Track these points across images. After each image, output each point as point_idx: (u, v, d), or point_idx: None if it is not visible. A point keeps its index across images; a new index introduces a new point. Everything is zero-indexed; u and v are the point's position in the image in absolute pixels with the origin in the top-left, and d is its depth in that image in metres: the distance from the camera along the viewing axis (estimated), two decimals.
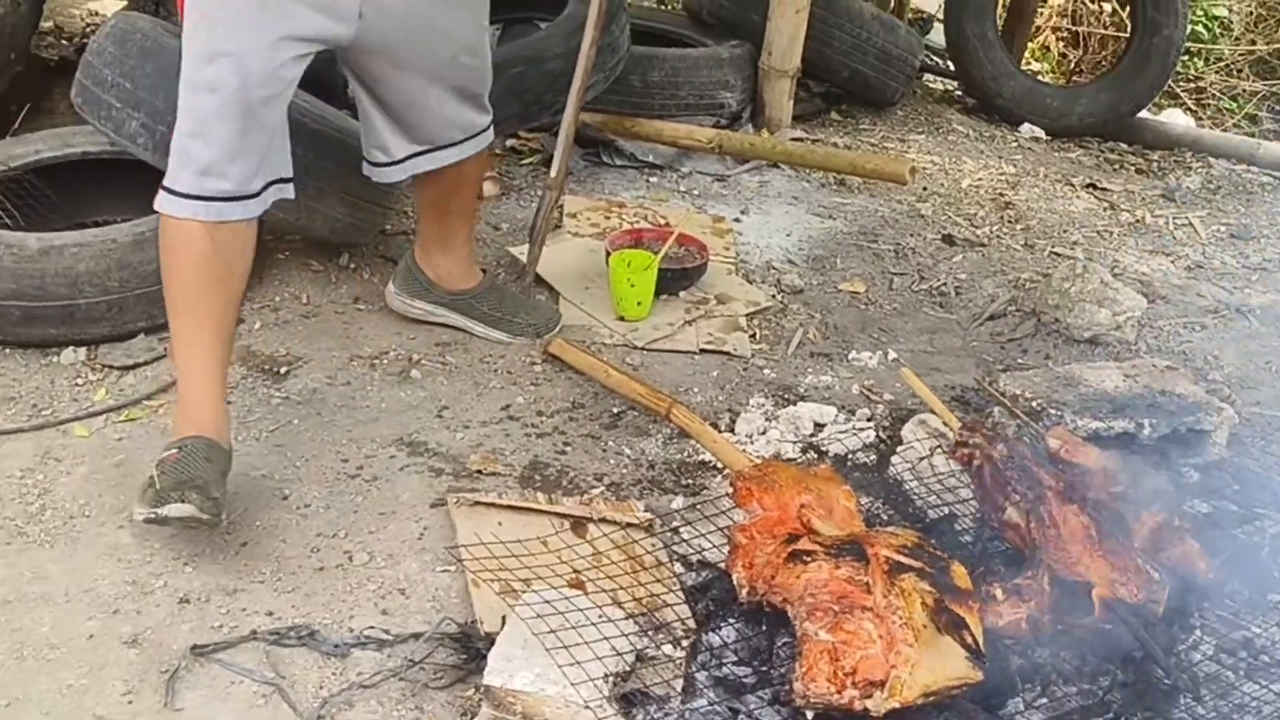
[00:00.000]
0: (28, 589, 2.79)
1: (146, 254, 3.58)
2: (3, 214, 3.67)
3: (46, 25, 5.89)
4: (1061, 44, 8.82)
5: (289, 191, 3.18)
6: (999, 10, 6.75)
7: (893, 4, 7.21)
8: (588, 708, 2.40)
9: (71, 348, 3.64)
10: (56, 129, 4.23)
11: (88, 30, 5.95)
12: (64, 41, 5.86)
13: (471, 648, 2.64)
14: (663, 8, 7.03)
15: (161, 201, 2.97)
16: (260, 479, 3.17)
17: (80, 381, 3.54)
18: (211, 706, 2.51)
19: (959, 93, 6.81)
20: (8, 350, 3.63)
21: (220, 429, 2.99)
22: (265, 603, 2.77)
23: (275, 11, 2.93)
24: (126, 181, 4.01)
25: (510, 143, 5.24)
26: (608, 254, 4.06)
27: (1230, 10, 9.05)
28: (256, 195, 3.04)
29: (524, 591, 2.70)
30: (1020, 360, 3.99)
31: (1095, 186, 5.60)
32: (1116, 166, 5.99)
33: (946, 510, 3.11)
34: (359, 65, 3.29)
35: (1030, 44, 8.19)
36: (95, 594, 2.78)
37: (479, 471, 3.23)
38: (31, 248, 3.54)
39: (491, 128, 3.63)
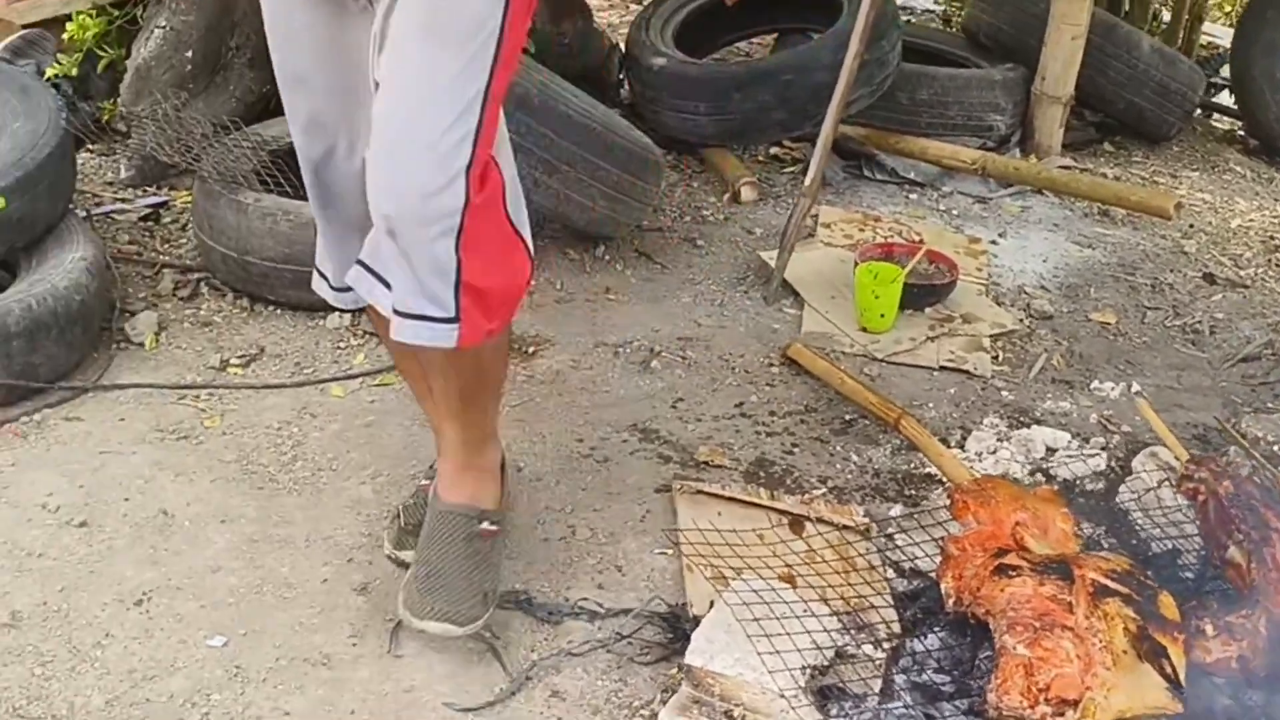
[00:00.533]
0: (273, 531, 2.98)
1: None
2: (284, 181, 3.88)
3: None
4: None
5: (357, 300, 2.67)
6: None
7: (1182, 38, 7.07)
8: (782, 695, 2.46)
9: (337, 313, 3.83)
10: None
11: None
12: None
13: (678, 628, 2.71)
14: (945, 29, 7.00)
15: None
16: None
17: (342, 345, 3.74)
18: (428, 656, 2.64)
19: (1241, 132, 6.64)
20: (279, 311, 3.87)
21: None
22: None
23: None
24: None
25: (773, 151, 5.32)
26: (856, 264, 4.10)
27: None
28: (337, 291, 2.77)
29: (734, 580, 2.77)
30: (1270, 405, 3.89)
31: None
32: None
33: (1170, 544, 3.07)
34: None
35: None
36: (334, 542, 2.95)
37: (706, 463, 3.31)
38: (307, 215, 3.73)
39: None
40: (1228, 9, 8.38)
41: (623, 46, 5.43)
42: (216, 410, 3.43)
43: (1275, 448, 3.44)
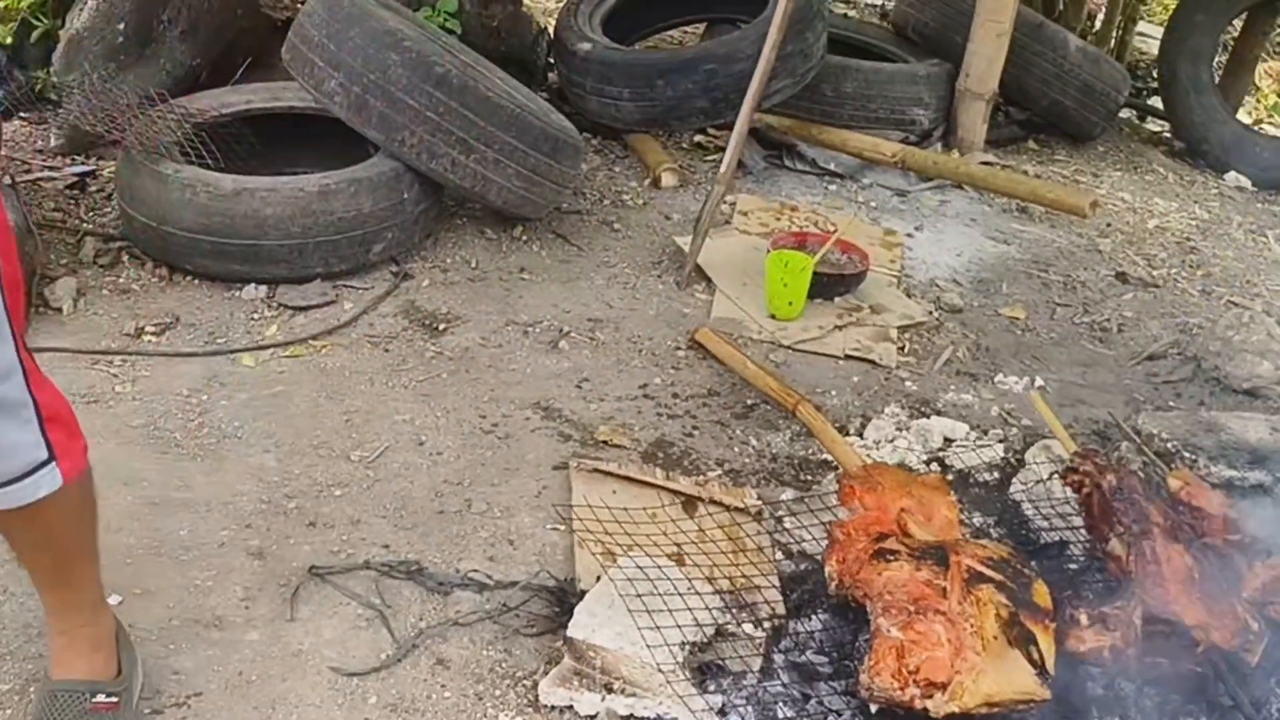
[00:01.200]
0: (174, 495, 3.00)
1: (330, 205, 3.82)
2: (207, 156, 3.90)
3: None
4: None
5: None
6: (1217, 55, 6.65)
7: (1115, 39, 7.16)
8: (660, 670, 2.50)
9: (253, 285, 3.88)
10: (269, 83, 4.49)
11: None
12: (299, 4, 6.12)
13: (565, 601, 2.75)
14: (875, 24, 7.06)
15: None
16: (403, 424, 3.35)
17: (256, 316, 3.76)
18: (318, 621, 2.67)
19: (1168, 135, 6.72)
20: (196, 281, 3.90)
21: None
22: (384, 536, 2.93)
23: None
24: (325, 137, 4.24)
25: (697, 139, 5.36)
26: (768, 252, 4.15)
27: None
28: None
29: (622, 557, 2.81)
30: (1172, 404, 3.96)
31: None
32: None
33: (1057, 536, 3.13)
34: None
35: (1258, 92, 8.04)
36: (232, 507, 2.98)
37: (605, 442, 3.35)
38: (226, 188, 3.79)
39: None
40: (1166, 8, 8.47)
41: (551, 31, 5.45)
42: (129, 376, 3.45)
43: (1169, 445, 3.49)
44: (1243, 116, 7.10)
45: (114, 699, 2.40)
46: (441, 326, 3.81)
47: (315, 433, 3.27)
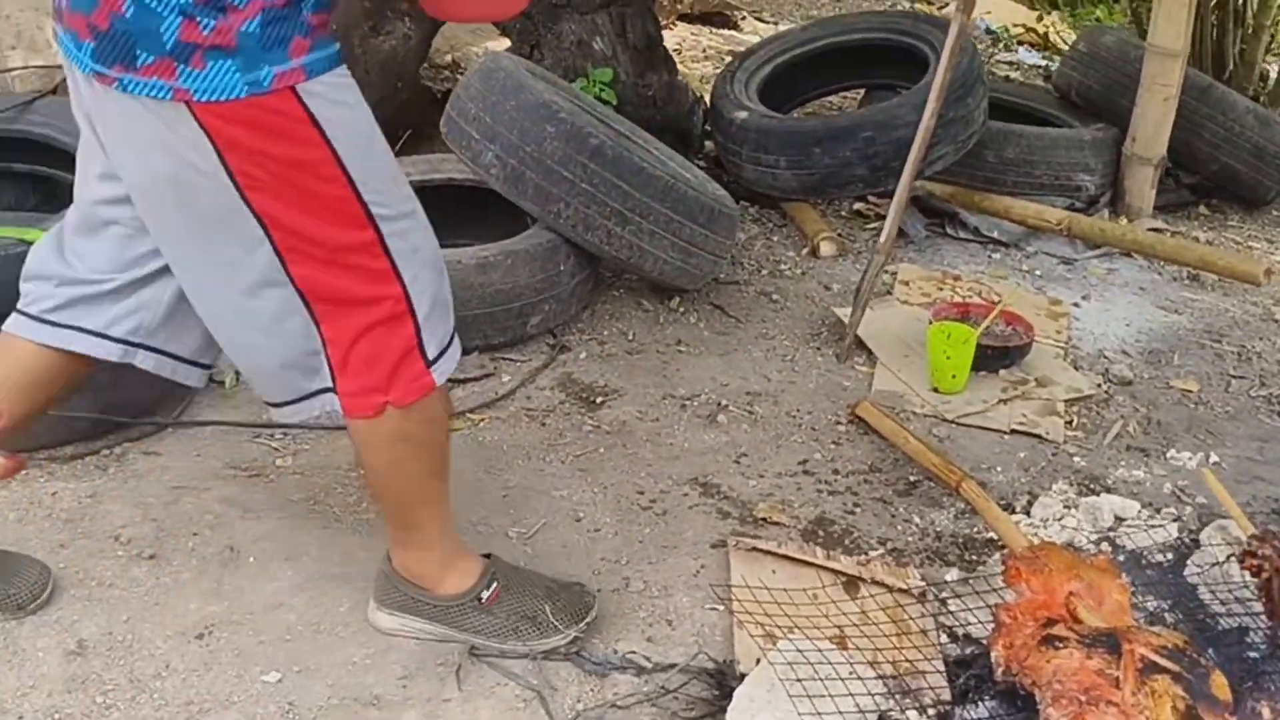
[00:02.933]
0: (334, 570, 3.01)
1: (488, 277, 3.84)
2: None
3: (446, 59, 6.28)
4: None
5: None
6: None
7: None
8: None
9: None
10: (429, 155, 4.53)
11: None
12: (458, 76, 6.21)
13: (724, 685, 2.69)
14: (1035, 87, 6.95)
15: (442, 369, 2.62)
16: (560, 499, 3.33)
17: None
18: (475, 702, 2.64)
19: None
20: None
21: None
22: None
23: None
24: (484, 207, 4.27)
25: (857, 206, 5.31)
26: (930, 323, 4.08)
27: None
28: None
29: (782, 639, 2.75)
30: None
31: None
32: None
33: (1236, 622, 3.00)
34: None
35: None
36: None
37: (764, 519, 3.30)
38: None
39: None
40: None
41: (707, 99, 5.44)
42: (289, 450, 3.48)
43: None
44: None
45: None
46: (598, 400, 3.79)
47: (474, 508, 3.26)
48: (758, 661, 2.69)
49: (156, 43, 2.22)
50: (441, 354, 2.60)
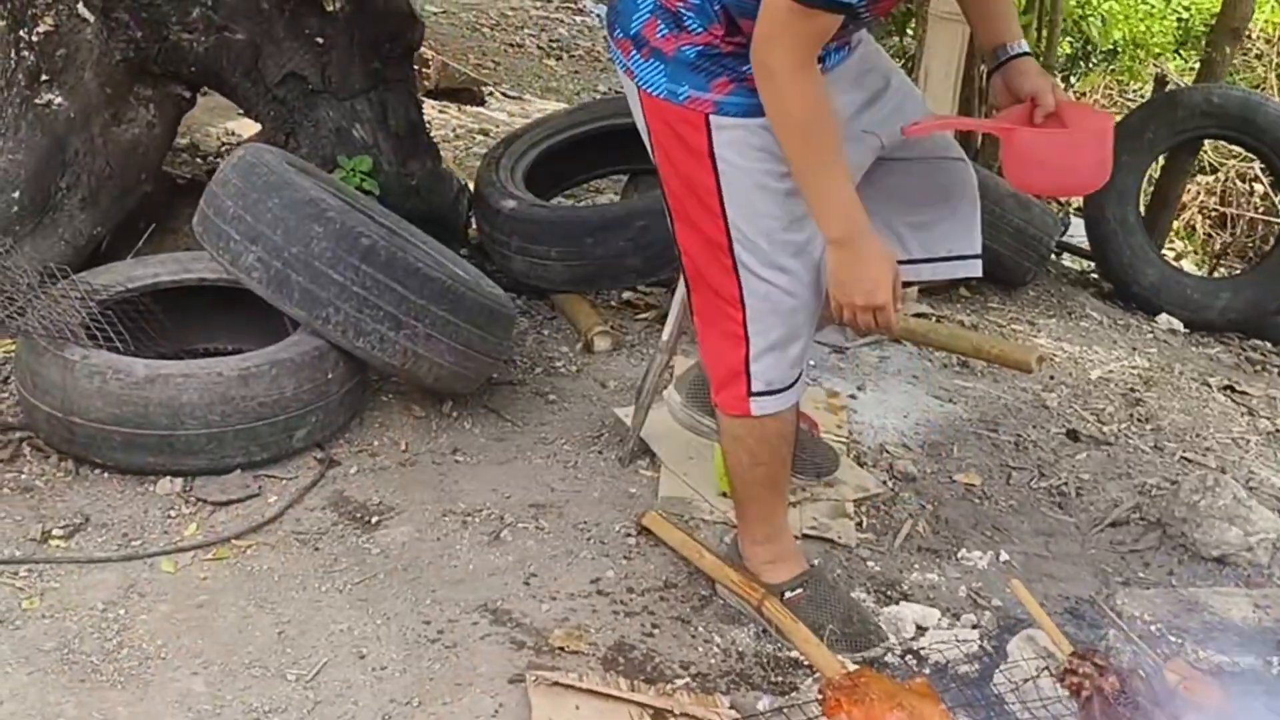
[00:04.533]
0: None
1: (251, 389, 3.58)
2: (115, 337, 3.64)
3: (182, 142, 5.97)
4: (1209, 225, 8.63)
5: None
6: (1142, 193, 6.60)
7: None
8: None
9: (169, 477, 3.61)
10: (177, 253, 4.26)
11: (221, 151, 6.01)
12: (198, 160, 5.92)
13: None
14: None
15: (760, 405, 3.08)
16: (340, 634, 3.08)
17: (173, 514, 3.50)
18: None
19: (1095, 275, 6.65)
20: (106, 474, 3.62)
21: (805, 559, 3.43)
22: None
23: None
24: (241, 310, 4.01)
25: (626, 296, 5.17)
26: None
27: None
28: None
29: None
30: (1141, 574, 3.79)
31: (1234, 389, 5.40)
32: (1258, 368, 5.78)
33: None
34: None
35: (1175, 222, 8.02)
36: None
37: (561, 649, 3.10)
38: (138, 374, 3.53)
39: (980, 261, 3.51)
40: None
41: (471, 186, 5.25)
42: (37, 589, 3.16)
43: (1153, 627, 3.31)
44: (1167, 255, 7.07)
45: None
46: (374, 519, 3.55)
47: (246, 649, 2.99)
48: None
49: (627, 24, 2.86)
50: (768, 393, 3.06)
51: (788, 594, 3.26)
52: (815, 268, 2.94)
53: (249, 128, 5.87)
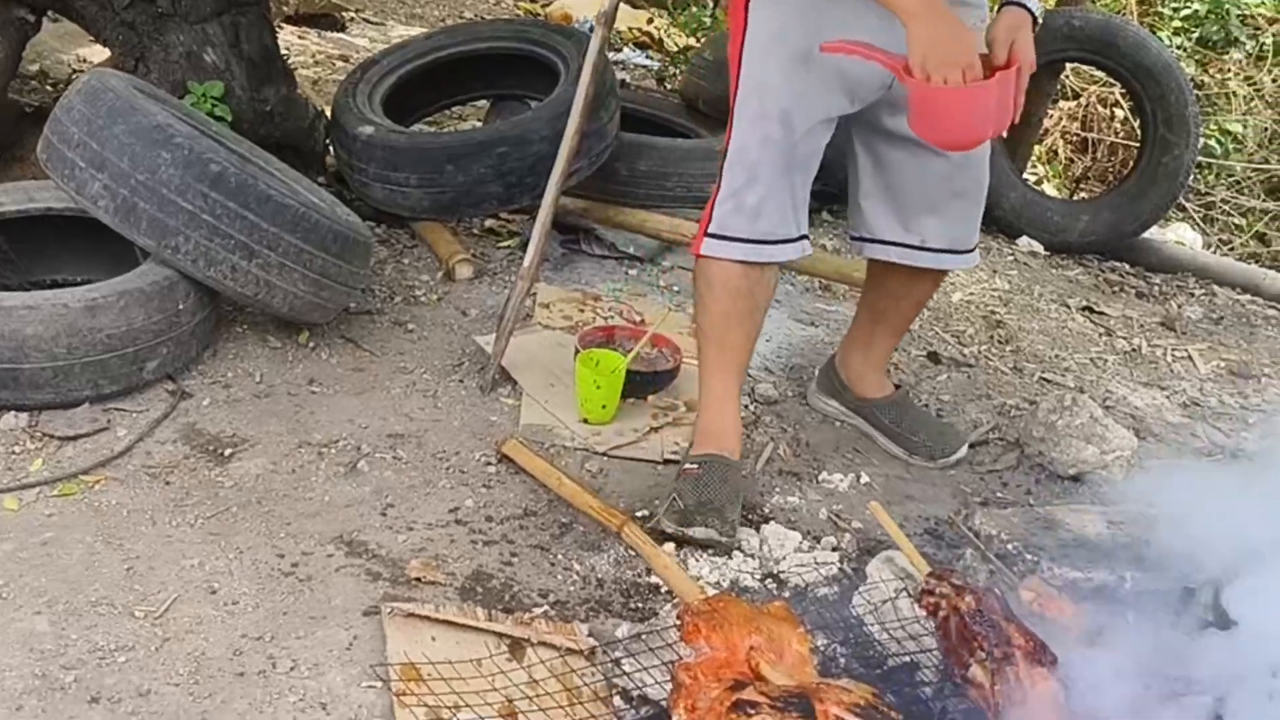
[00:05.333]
0: None
1: (98, 321, 3.47)
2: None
3: (32, 68, 5.79)
4: (1070, 149, 8.71)
5: (808, 248, 3.56)
6: None
7: None
8: None
9: (12, 412, 3.49)
10: (22, 182, 4.10)
11: (72, 77, 5.82)
12: (48, 87, 5.75)
13: None
14: (661, 95, 6.90)
15: (709, 246, 3.42)
16: (191, 569, 3.01)
17: (17, 449, 3.39)
18: None
19: None
20: None
21: (737, 447, 3.54)
22: (179, 708, 2.59)
23: (820, 85, 3.29)
24: (88, 240, 3.89)
25: (489, 223, 5.11)
26: (576, 351, 3.90)
27: (1245, 126, 8.95)
28: (794, 241, 3.47)
29: (450, 718, 2.54)
30: (999, 494, 3.83)
31: (1092, 310, 5.46)
32: (1116, 289, 5.85)
33: (908, 658, 2.93)
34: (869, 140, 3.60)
35: (1037, 147, 8.07)
36: (0, 686, 2.61)
37: (418, 579, 3.06)
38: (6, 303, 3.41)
39: (977, 253, 3.79)
40: None
41: (328, 113, 5.14)
42: None
43: (1010, 546, 3.34)
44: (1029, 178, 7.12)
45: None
46: (227, 452, 3.47)
47: (93, 586, 2.91)
48: None
49: None
50: (718, 237, 3.39)
51: (685, 465, 3.46)
52: (793, 133, 3.31)
53: (101, 54, 5.69)
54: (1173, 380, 4.87)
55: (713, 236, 3.42)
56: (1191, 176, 6.70)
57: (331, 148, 5.13)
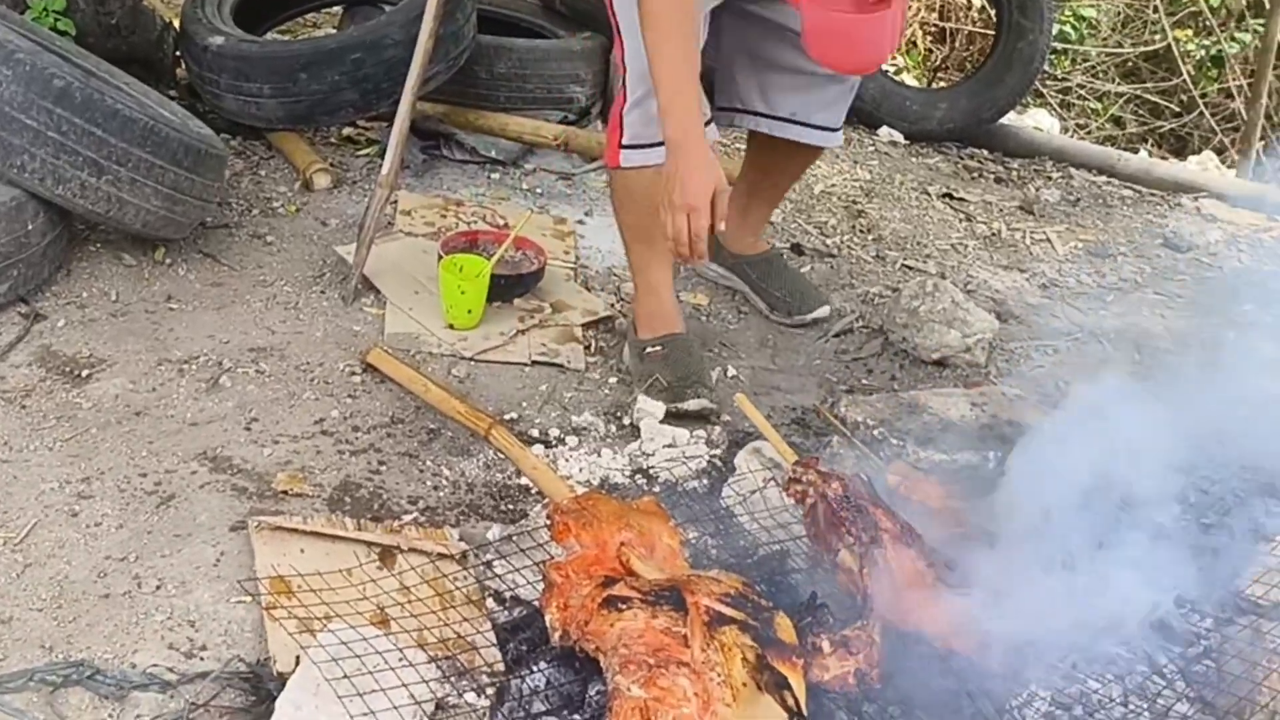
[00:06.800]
0: None
1: None
2: None
3: None
4: (929, 39, 8.75)
5: (715, 130, 3.61)
6: None
7: None
8: None
9: None
10: None
11: None
12: None
13: (262, 689, 2.47)
14: None
15: (627, 157, 3.47)
16: (51, 493, 2.96)
17: None
18: None
19: None
20: None
21: (684, 327, 3.69)
22: (43, 633, 2.56)
23: None
24: None
25: (346, 132, 5.03)
26: (439, 257, 3.87)
27: (1098, 11, 9.04)
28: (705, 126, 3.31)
29: (321, 630, 2.53)
30: (865, 381, 3.87)
31: (952, 196, 5.50)
32: (975, 175, 5.89)
33: (778, 546, 2.97)
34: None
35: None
36: None
37: (285, 492, 3.04)
38: None
39: (840, 134, 3.96)
40: None
41: (176, 24, 5.01)
42: None
43: (876, 431, 3.38)
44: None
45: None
46: (85, 373, 3.40)
47: None
48: (297, 659, 2.46)
49: None
50: (634, 146, 3.43)
51: (648, 349, 3.60)
52: None
53: None
54: (1032, 262, 4.94)
55: (629, 148, 3.46)
56: (1047, 62, 6.76)
57: (181, 60, 5.01)
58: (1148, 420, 3.02)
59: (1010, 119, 6.46)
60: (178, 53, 5.03)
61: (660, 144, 3.20)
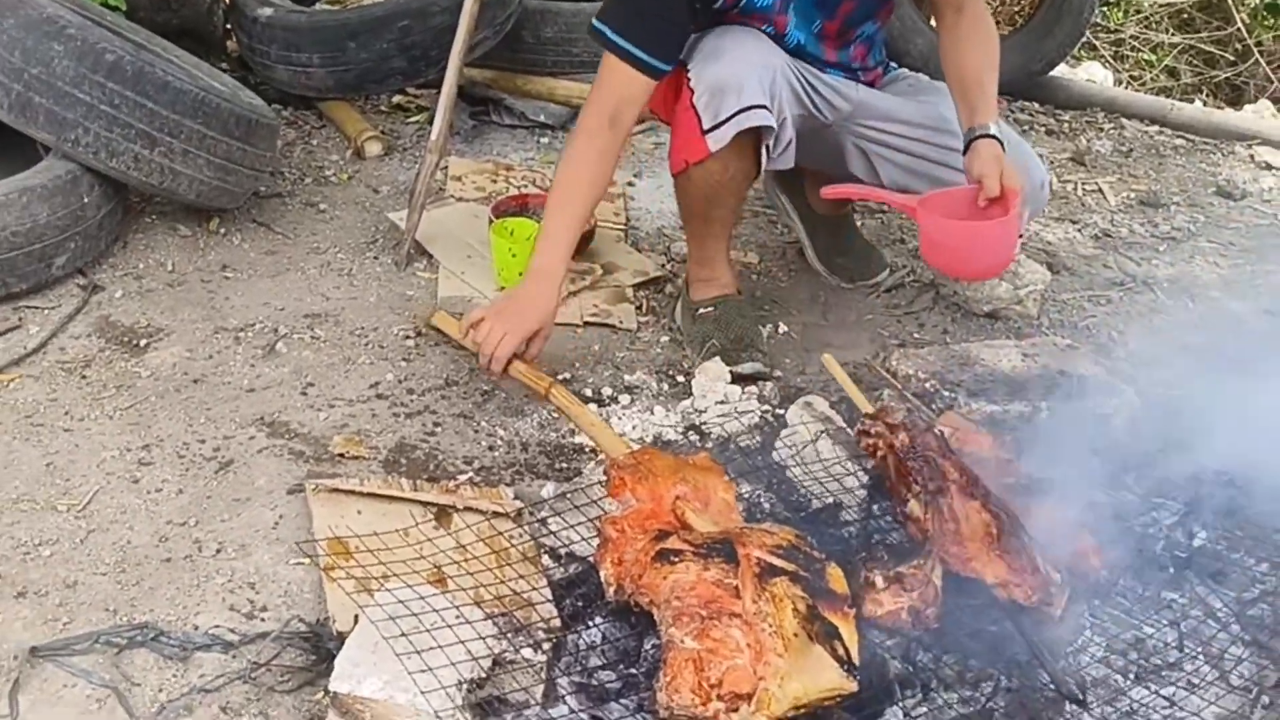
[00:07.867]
0: None
1: (1, 220, 3.45)
2: None
3: None
4: None
5: None
6: None
7: None
8: (438, 717, 2.26)
9: None
10: None
11: None
12: None
13: (322, 648, 2.49)
14: None
15: (714, 139, 3.30)
16: (113, 461, 3.00)
17: None
18: (42, 711, 2.34)
19: None
20: None
21: (739, 288, 3.74)
22: (107, 597, 2.60)
23: None
24: None
25: (396, 99, 5.06)
26: (490, 221, 3.89)
27: None
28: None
29: (379, 590, 2.56)
30: (916, 335, 3.87)
31: None
32: (1027, 127, 5.85)
33: (831, 499, 2.98)
34: None
35: None
36: None
37: (341, 455, 3.07)
38: None
39: None
40: None
41: None
42: None
43: (928, 384, 3.38)
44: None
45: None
46: (143, 343, 3.45)
47: (13, 483, 2.90)
48: (355, 619, 2.49)
49: None
50: (716, 126, 3.28)
51: (700, 310, 3.64)
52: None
53: None
54: (1084, 213, 4.91)
55: (712, 130, 3.30)
56: (1096, 12, 6.68)
57: (232, 32, 5.05)
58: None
59: (1062, 71, 6.42)
60: (228, 25, 5.08)
61: (741, 111, 3.24)
